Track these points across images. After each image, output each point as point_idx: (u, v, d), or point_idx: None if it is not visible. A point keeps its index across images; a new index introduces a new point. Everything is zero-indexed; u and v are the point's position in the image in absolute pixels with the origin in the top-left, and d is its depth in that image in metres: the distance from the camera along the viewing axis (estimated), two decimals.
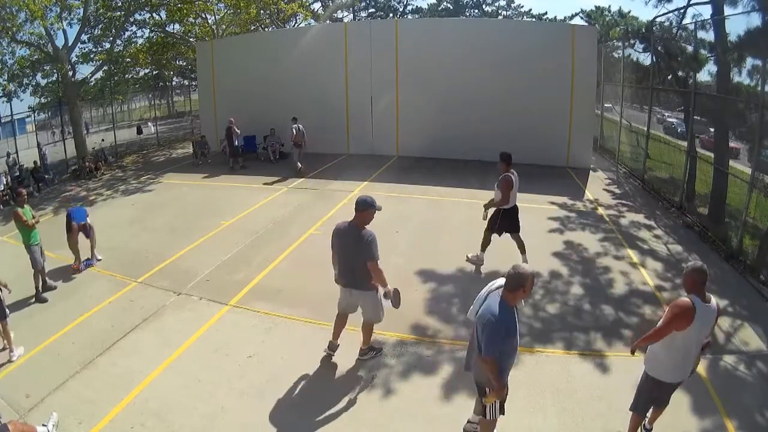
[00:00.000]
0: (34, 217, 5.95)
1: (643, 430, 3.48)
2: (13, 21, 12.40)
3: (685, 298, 2.92)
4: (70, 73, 14.65)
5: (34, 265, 5.86)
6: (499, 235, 6.10)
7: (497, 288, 2.95)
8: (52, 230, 8.30)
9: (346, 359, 4.41)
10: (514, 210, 6.06)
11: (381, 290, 4.00)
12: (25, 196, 6.07)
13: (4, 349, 4.68)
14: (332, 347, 4.41)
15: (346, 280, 4.05)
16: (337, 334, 4.40)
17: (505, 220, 6.02)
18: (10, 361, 4.58)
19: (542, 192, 9.51)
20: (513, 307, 2.85)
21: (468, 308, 3.17)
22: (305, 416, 3.73)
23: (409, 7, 36.61)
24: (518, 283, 2.77)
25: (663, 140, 11.37)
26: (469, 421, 3.52)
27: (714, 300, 2.98)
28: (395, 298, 3.98)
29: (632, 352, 3.24)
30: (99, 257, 6.84)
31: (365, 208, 3.89)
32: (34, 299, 5.84)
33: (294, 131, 11.64)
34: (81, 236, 6.72)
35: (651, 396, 3.24)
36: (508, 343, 2.82)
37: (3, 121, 16.22)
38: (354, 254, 3.87)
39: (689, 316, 2.86)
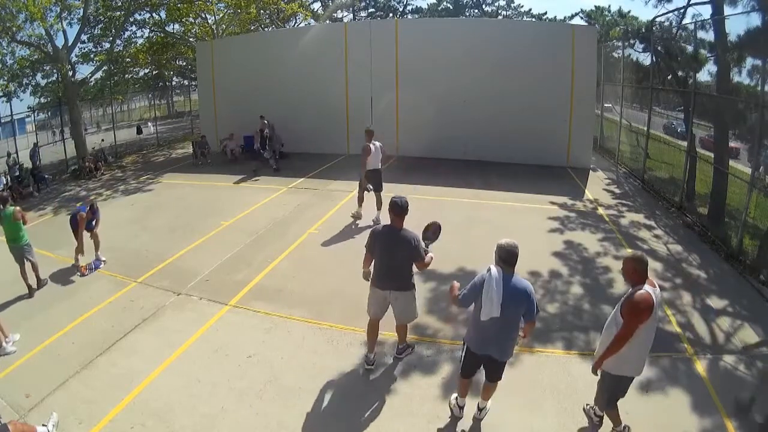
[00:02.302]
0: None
1: (595, 416, 3.52)
2: (13, 21, 12.39)
3: (641, 292, 2.93)
4: (70, 73, 14.64)
5: (34, 261, 5.92)
6: (367, 192, 7.87)
7: (499, 274, 3.14)
8: (51, 230, 8.32)
9: (345, 359, 4.41)
10: (376, 172, 7.79)
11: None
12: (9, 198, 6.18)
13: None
14: (370, 361, 4.23)
15: (387, 283, 3.97)
16: (372, 345, 4.24)
17: (370, 180, 7.76)
18: (5, 351, 4.61)
19: (542, 192, 9.52)
20: None
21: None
22: (305, 416, 3.73)
23: (409, 7, 36.66)
24: (516, 255, 3.15)
25: (663, 140, 11.38)
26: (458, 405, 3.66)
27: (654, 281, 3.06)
28: (432, 232, 4.06)
29: (595, 372, 3.23)
30: (103, 258, 6.82)
31: (406, 211, 3.91)
32: (35, 292, 5.92)
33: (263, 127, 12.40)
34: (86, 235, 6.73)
35: (617, 392, 3.24)
36: None
37: (3, 121, 16.22)
38: (400, 257, 3.87)
39: (650, 307, 2.90)
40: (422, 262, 3.87)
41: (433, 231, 4.06)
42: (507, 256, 3.14)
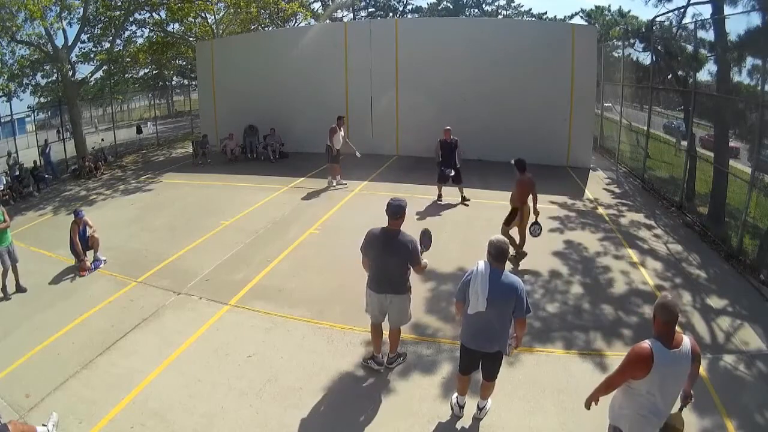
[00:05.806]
0: (5, 220, 5.95)
1: None
2: (13, 21, 12.38)
3: (643, 343, 2.52)
4: (70, 73, 14.63)
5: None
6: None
7: (486, 268, 3.19)
8: (51, 230, 8.32)
9: (345, 358, 4.41)
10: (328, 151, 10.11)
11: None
12: None
13: None
14: (379, 362, 4.24)
15: (384, 287, 3.93)
16: (378, 346, 4.25)
17: (329, 155, 10.06)
18: None
19: (542, 192, 9.37)
20: None
21: None
22: (305, 416, 3.73)
23: (409, 7, 36.67)
24: (506, 251, 3.22)
25: (663, 140, 11.38)
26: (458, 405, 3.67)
27: (688, 342, 2.54)
28: (425, 238, 3.94)
29: (587, 407, 2.87)
30: (103, 258, 6.81)
31: (402, 214, 3.81)
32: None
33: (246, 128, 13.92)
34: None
35: None
36: None
37: (3, 121, 16.21)
38: (396, 261, 3.81)
39: (645, 364, 2.47)
40: (420, 266, 3.85)
41: (427, 239, 3.97)
42: (495, 252, 3.18)
